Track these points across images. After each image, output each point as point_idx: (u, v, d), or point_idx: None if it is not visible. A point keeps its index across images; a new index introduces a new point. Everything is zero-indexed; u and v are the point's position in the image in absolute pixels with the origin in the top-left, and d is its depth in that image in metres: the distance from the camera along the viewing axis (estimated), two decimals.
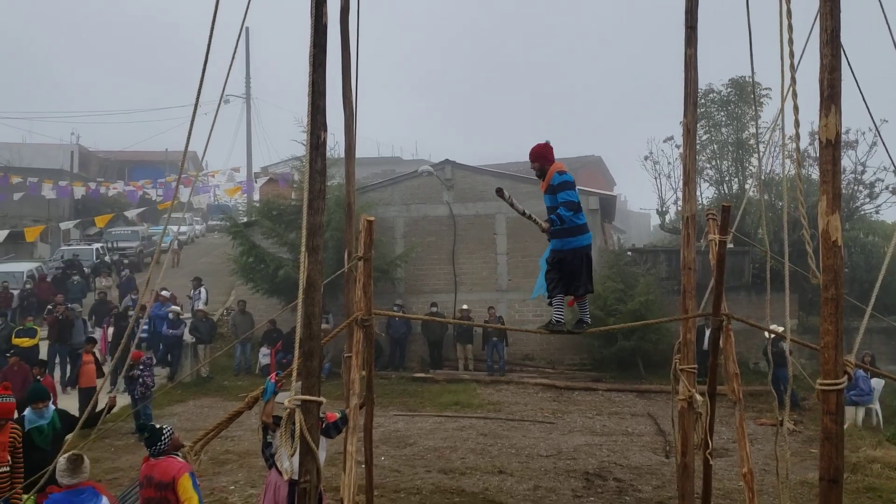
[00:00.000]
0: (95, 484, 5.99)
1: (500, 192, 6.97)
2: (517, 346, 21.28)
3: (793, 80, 6.26)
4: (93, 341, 15.83)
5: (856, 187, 23.76)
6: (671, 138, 25.83)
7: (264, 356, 19.86)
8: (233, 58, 6.56)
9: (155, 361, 17.88)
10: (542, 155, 7.39)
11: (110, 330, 19.00)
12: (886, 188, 23.31)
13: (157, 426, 6.44)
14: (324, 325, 17.34)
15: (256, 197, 32.37)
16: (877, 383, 15.45)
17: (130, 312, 19.13)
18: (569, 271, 7.29)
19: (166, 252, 32.02)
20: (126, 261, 29.70)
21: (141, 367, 14.14)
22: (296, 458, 5.81)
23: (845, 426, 13.98)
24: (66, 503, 5.83)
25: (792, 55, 6.27)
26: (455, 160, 23.32)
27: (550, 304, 7.54)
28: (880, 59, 9.88)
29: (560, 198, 7.20)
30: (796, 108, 6.45)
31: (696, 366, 9.50)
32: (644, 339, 19.29)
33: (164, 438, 6.28)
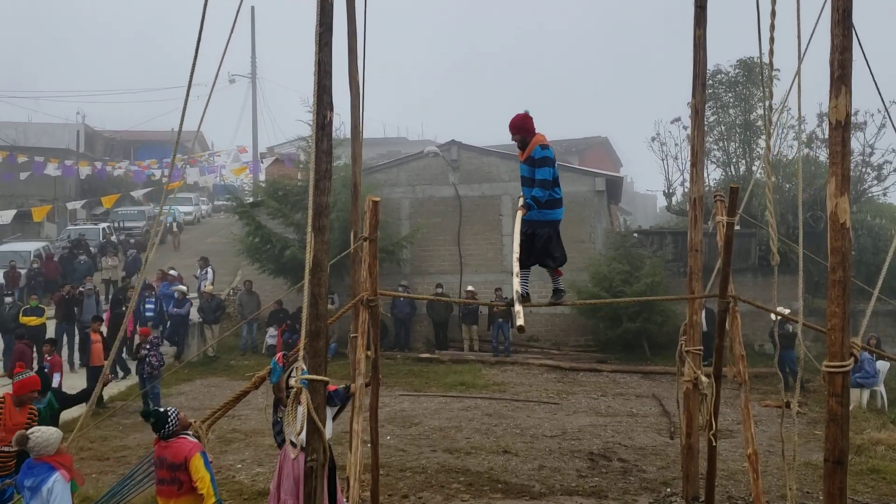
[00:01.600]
0: (54, 459, 6.09)
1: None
2: None
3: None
4: (99, 320, 15.91)
5: (864, 169, 23.62)
6: (678, 119, 25.71)
7: (271, 336, 19.95)
8: (230, 35, 6.54)
9: (161, 340, 17.97)
10: (522, 126, 7.38)
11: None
12: (895, 170, 23.18)
13: (161, 410, 6.45)
14: (330, 306, 17.45)
15: (262, 177, 32.38)
16: (882, 366, 15.46)
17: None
18: (541, 244, 7.33)
19: (171, 232, 32.12)
20: (132, 240, 29.78)
21: (147, 346, 14.21)
22: (303, 435, 5.86)
23: (850, 408, 14.07)
24: (22, 476, 6.15)
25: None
26: (461, 141, 23.25)
27: (517, 274, 7.62)
28: (891, 39, 9.78)
29: (537, 174, 7.21)
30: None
31: (701, 347, 9.53)
32: (649, 321, 19.30)
33: (171, 420, 6.31)
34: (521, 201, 7.33)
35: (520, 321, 6.75)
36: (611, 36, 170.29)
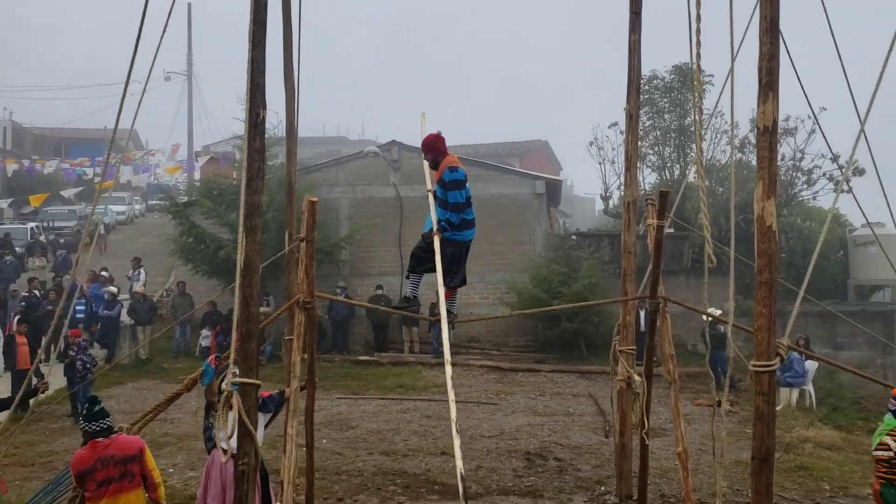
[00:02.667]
0: None
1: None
2: (463, 329, 21.36)
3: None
4: (25, 322, 15.34)
5: (794, 174, 24.36)
6: (615, 124, 26.09)
7: (204, 338, 19.55)
8: (163, 31, 6.37)
9: (91, 343, 17.42)
10: (433, 147, 7.53)
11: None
12: (824, 175, 23.94)
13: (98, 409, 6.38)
14: (264, 308, 17.15)
15: (197, 176, 31.75)
16: (810, 365, 15.91)
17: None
18: (446, 263, 7.42)
19: (98, 234, 31.13)
20: (62, 241, 28.82)
21: (75, 348, 13.77)
22: (234, 441, 5.75)
23: (780, 407, 14.47)
24: None
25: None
26: (402, 141, 23.19)
27: (408, 277, 7.74)
28: (820, 47, 10.10)
29: (449, 198, 7.33)
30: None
31: (634, 347, 9.69)
32: (586, 322, 19.57)
33: (110, 416, 6.37)
34: (434, 226, 7.41)
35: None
36: (552, 40, 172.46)
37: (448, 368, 6.30)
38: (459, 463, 5.66)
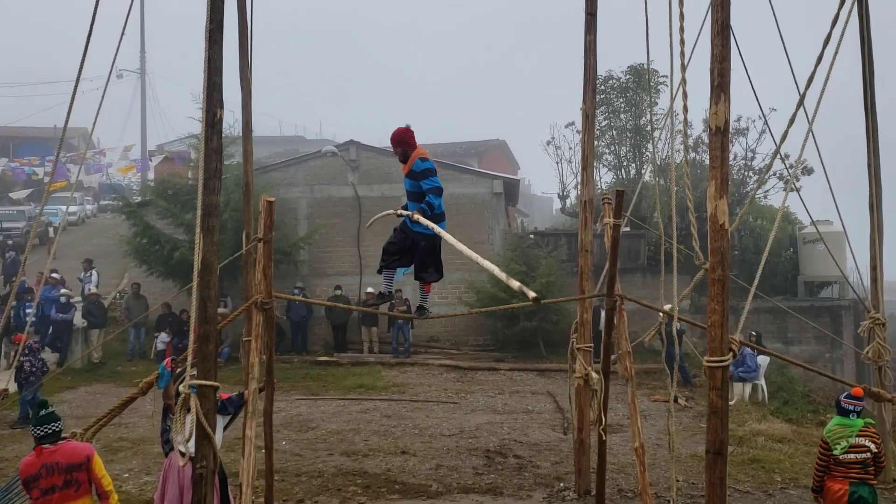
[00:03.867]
0: None
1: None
2: (423, 329, 21.38)
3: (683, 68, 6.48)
4: None
5: (746, 173, 24.86)
6: (572, 124, 26.37)
7: (161, 342, 19.25)
8: (123, 28, 6.28)
9: (42, 347, 17.01)
10: (403, 140, 7.51)
11: None
12: (774, 174, 24.45)
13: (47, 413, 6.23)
14: (222, 309, 16.99)
15: (151, 176, 31.22)
16: (763, 360, 16.26)
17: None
18: (420, 257, 7.43)
19: (47, 238, 30.41)
20: (10, 242, 28.05)
21: (26, 351, 13.45)
22: (192, 443, 5.69)
23: (733, 402, 14.78)
24: None
25: (683, 44, 6.48)
26: (360, 141, 23.10)
27: (380, 272, 7.71)
28: (771, 49, 10.34)
29: (425, 185, 7.33)
30: (685, 95, 6.68)
31: (591, 345, 9.81)
32: (545, 320, 19.73)
33: (60, 421, 6.20)
34: (415, 215, 7.29)
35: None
36: (510, 39, 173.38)
37: None
38: None
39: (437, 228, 6.87)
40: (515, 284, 5.01)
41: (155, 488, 8.24)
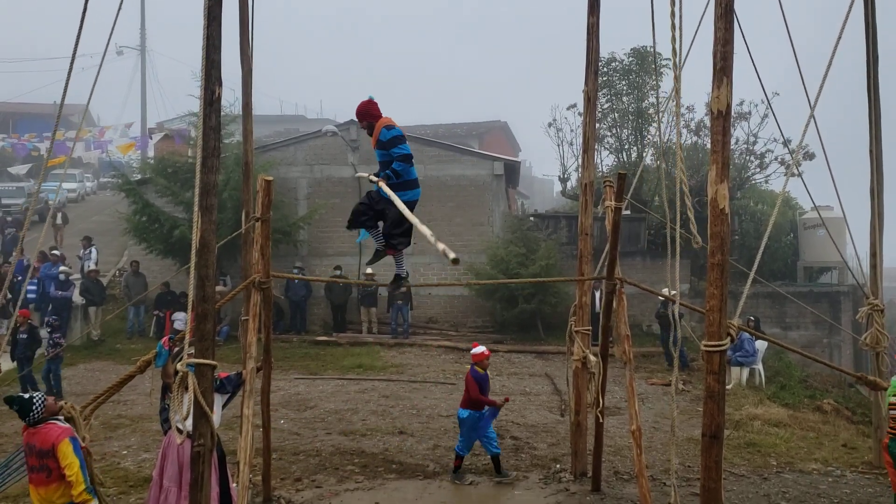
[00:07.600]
0: None
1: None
2: (421, 310, 21.41)
3: (674, 53, 6.41)
4: None
5: (747, 157, 24.75)
6: (574, 106, 26.18)
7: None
8: (120, 4, 6.21)
9: (42, 324, 17.06)
10: (367, 112, 7.40)
11: None
12: (776, 159, 24.36)
13: (27, 396, 6.19)
14: (221, 288, 16.95)
15: (151, 153, 31.11)
16: (760, 345, 16.28)
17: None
18: (392, 222, 7.33)
19: (55, 224, 30.35)
20: (10, 218, 28.03)
21: (49, 328, 14.00)
22: (189, 422, 5.71)
23: (730, 386, 14.82)
24: None
25: (679, 28, 6.42)
26: None
27: (349, 228, 7.66)
28: (775, 33, 10.27)
29: (394, 153, 7.20)
30: (677, 79, 6.61)
31: (590, 327, 9.82)
32: (544, 302, 19.74)
33: (37, 407, 6.06)
34: (381, 182, 7.16)
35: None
36: (512, 21, 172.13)
37: None
38: None
39: (393, 196, 6.72)
40: (441, 246, 5.05)
41: (153, 465, 8.30)
